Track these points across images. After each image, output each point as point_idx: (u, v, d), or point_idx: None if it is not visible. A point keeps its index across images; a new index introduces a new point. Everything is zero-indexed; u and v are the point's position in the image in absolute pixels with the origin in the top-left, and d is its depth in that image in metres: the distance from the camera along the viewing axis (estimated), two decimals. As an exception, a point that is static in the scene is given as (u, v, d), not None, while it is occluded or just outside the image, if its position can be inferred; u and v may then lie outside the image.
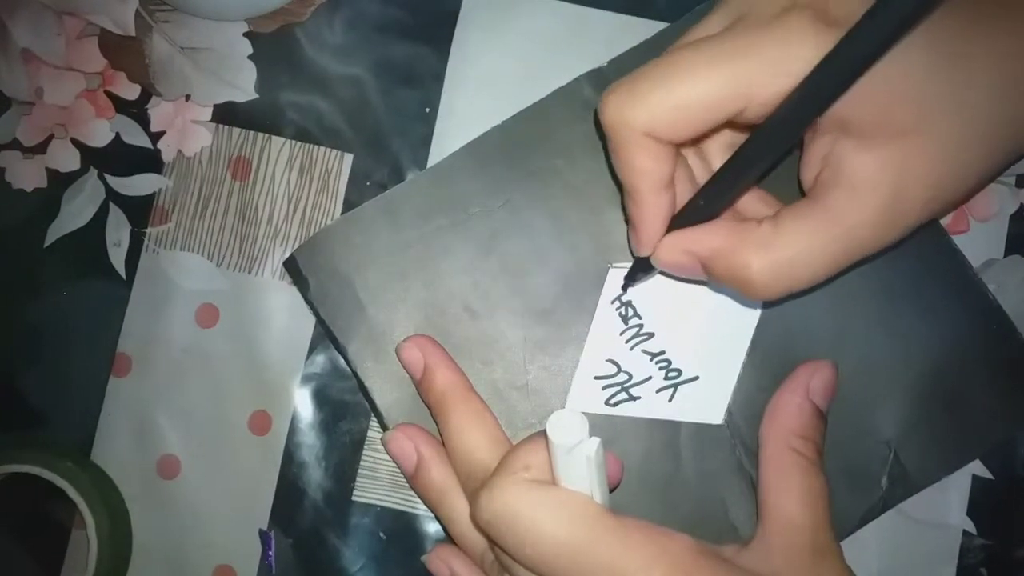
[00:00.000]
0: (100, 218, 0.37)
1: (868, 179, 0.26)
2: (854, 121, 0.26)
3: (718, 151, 0.31)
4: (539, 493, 0.26)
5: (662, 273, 0.32)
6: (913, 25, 0.21)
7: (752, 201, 0.30)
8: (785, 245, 0.27)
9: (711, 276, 0.29)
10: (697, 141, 0.30)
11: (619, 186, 0.29)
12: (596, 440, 0.25)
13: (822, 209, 0.27)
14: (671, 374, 0.34)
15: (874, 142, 0.26)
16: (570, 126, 0.34)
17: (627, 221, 0.30)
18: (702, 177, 0.30)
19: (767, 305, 0.30)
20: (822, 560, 0.29)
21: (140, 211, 0.37)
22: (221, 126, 0.37)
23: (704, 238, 0.28)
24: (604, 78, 0.34)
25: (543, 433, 0.25)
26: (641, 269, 0.32)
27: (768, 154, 0.26)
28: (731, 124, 0.27)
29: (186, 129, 0.37)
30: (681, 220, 0.29)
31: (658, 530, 0.26)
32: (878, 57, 0.22)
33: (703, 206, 0.28)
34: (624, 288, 0.34)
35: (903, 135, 0.26)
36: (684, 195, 0.29)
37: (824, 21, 0.25)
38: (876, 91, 0.25)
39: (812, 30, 0.24)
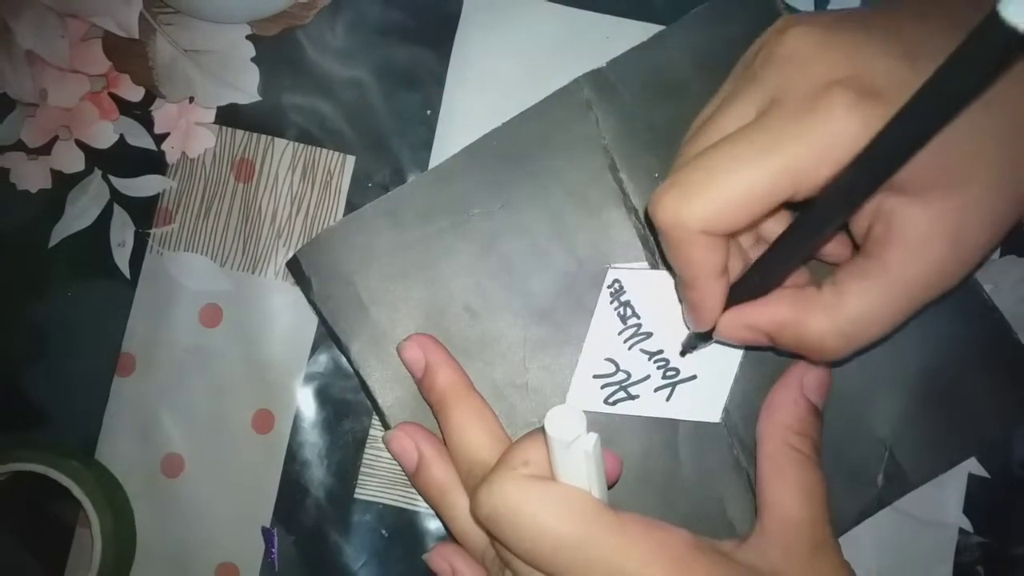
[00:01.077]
0: (104, 219, 0.38)
1: (924, 234, 0.26)
2: (902, 178, 0.25)
3: (768, 222, 0.31)
4: (538, 488, 0.26)
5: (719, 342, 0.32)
6: (982, 91, 0.19)
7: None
8: (850, 307, 0.27)
9: (778, 345, 0.29)
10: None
11: (669, 269, 0.30)
12: (594, 435, 0.25)
13: (881, 267, 0.27)
14: (669, 373, 0.34)
15: (925, 197, 0.26)
16: (570, 126, 0.35)
17: (680, 300, 0.31)
18: (751, 247, 0.30)
19: (834, 364, 0.31)
20: (820, 555, 0.29)
21: (144, 212, 0.38)
22: (224, 128, 0.38)
23: (767, 312, 0.29)
24: (603, 78, 0.35)
25: (542, 429, 0.25)
26: (701, 340, 0.33)
27: (823, 231, 0.26)
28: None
29: (190, 131, 0.38)
30: (738, 294, 0.29)
31: (656, 525, 0.26)
32: (941, 128, 0.21)
33: (759, 282, 0.29)
34: (681, 355, 0.34)
35: (954, 187, 0.26)
36: (734, 268, 0.29)
37: (866, 93, 0.24)
38: (926, 148, 0.25)
39: (856, 107, 0.24)
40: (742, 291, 0.29)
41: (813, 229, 0.26)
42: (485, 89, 0.37)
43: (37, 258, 0.38)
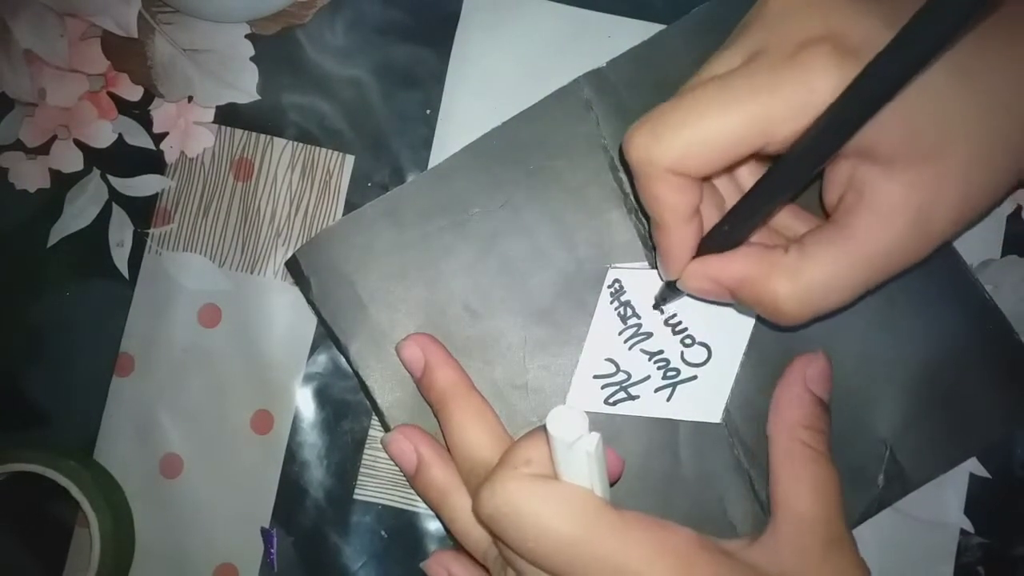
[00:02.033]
0: (103, 219, 0.38)
1: (893, 204, 0.26)
2: (875, 146, 0.26)
3: (747, 174, 0.31)
4: (541, 487, 0.26)
5: (690, 296, 0.32)
6: (941, 50, 0.20)
7: (783, 216, 0.31)
8: (812, 272, 0.27)
9: (738, 301, 0.29)
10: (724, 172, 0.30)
11: (645, 216, 0.30)
12: (596, 435, 0.25)
13: (847, 235, 0.27)
14: (669, 373, 0.34)
15: (897, 167, 0.26)
16: (570, 126, 0.35)
17: (654, 248, 0.31)
18: (731, 199, 0.30)
19: (791, 329, 0.31)
20: (835, 552, 0.29)
21: (143, 212, 0.38)
22: (223, 127, 0.38)
23: (730, 266, 0.29)
24: (603, 78, 0.35)
25: (544, 428, 0.25)
26: (670, 292, 0.33)
27: (790, 186, 0.26)
28: (755, 155, 0.27)
29: (188, 130, 0.38)
30: (708, 244, 0.29)
31: (659, 523, 0.26)
32: (903, 86, 0.22)
33: (728, 232, 0.29)
34: (655, 307, 0.34)
35: (926, 159, 0.26)
36: (711, 219, 0.29)
37: (843, 51, 0.25)
38: (896, 116, 0.25)
39: (832, 63, 0.25)
40: (712, 243, 0.29)
41: (782, 181, 0.26)
42: (485, 89, 0.37)
43: (35, 258, 0.38)
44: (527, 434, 0.29)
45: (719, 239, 0.29)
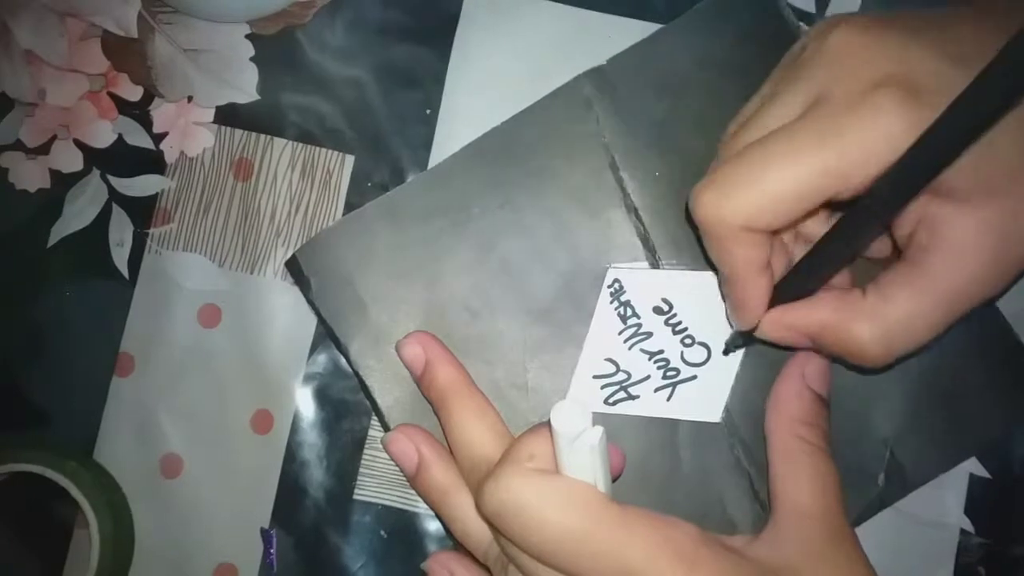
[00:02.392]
0: (103, 219, 0.38)
1: (968, 242, 0.26)
2: (949, 184, 0.26)
3: (810, 222, 0.31)
4: (544, 482, 0.26)
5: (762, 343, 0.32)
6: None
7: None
8: (893, 313, 0.27)
9: (820, 348, 0.29)
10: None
11: (712, 268, 0.30)
12: (599, 429, 0.25)
13: (925, 275, 0.27)
14: (669, 373, 0.34)
15: (971, 204, 0.26)
16: (570, 125, 0.35)
17: (723, 298, 0.31)
18: (793, 246, 0.30)
19: (874, 372, 0.31)
20: (836, 545, 0.29)
21: (143, 212, 0.38)
22: (223, 127, 0.38)
23: (810, 313, 0.29)
24: (604, 77, 0.35)
25: (547, 424, 0.25)
26: (744, 339, 0.33)
27: (866, 233, 0.26)
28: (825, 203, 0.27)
29: (188, 130, 0.38)
30: (782, 293, 0.29)
31: (662, 519, 0.26)
32: (985, 130, 0.21)
33: (803, 282, 0.29)
34: (725, 353, 0.34)
35: (999, 195, 0.26)
36: (780, 268, 0.30)
37: (913, 93, 0.24)
38: (968, 154, 0.25)
39: (904, 105, 0.24)
40: (786, 291, 0.29)
41: (858, 229, 0.26)
42: (485, 89, 0.37)
43: (35, 258, 0.38)
44: (530, 429, 0.29)
45: (794, 288, 0.29)
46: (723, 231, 0.27)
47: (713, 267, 0.30)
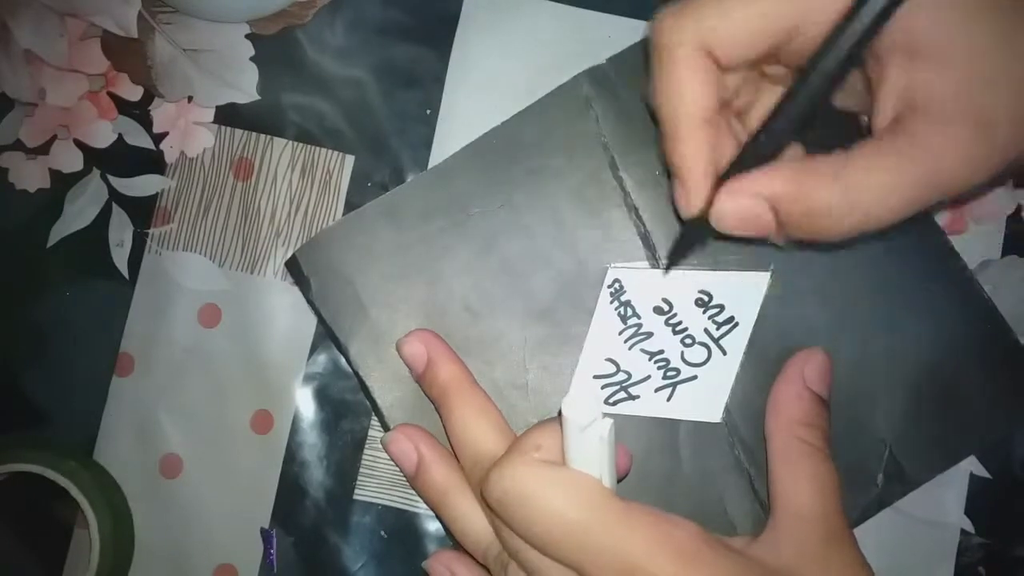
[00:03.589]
0: (103, 219, 0.38)
1: (948, 102, 0.25)
2: (923, 41, 0.25)
3: (758, 116, 0.30)
4: (550, 472, 0.26)
5: (719, 237, 0.29)
6: None
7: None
8: (860, 170, 0.25)
9: (782, 217, 0.27)
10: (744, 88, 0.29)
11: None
12: (609, 420, 0.25)
13: (905, 139, 0.25)
14: (670, 373, 0.34)
15: (950, 63, 0.25)
16: (570, 124, 0.35)
17: (669, 176, 0.29)
18: (741, 136, 0.29)
19: (839, 247, 0.29)
20: (835, 547, 0.29)
21: (143, 212, 0.38)
22: (223, 127, 0.38)
23: (770, 176, 0.27)
24: (603, 75, 0.35)
25: (558, 415, 0.25)
26: (691, 234, 0.30)
27: (829, 75, 0.25)
28: (781, 59, 0.27)
29: (188, 130, 0.38)
30: (738, 168, 0.27)
31: (665, 516, 0.26)
32: None
33: (763, 143, 0.27)
34: (668, 265, 0.33)
35: (979, 54, 0.24)
36: (726, 158, 0.28)
37: None
38: (941, 6, 0.24)
39: None
40: (743, 163, 0.27)
41: (817, 77, 0.25)
42: (485, 89, 0.37)
43: (35, 258, 0.38)
44: (538, 423, 0.29)
45: (752, 157, 0.27)
46: (679, 49, 0.26)
47: (662, 130, 0.28)
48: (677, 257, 0.32)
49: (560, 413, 0.25)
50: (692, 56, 0.26)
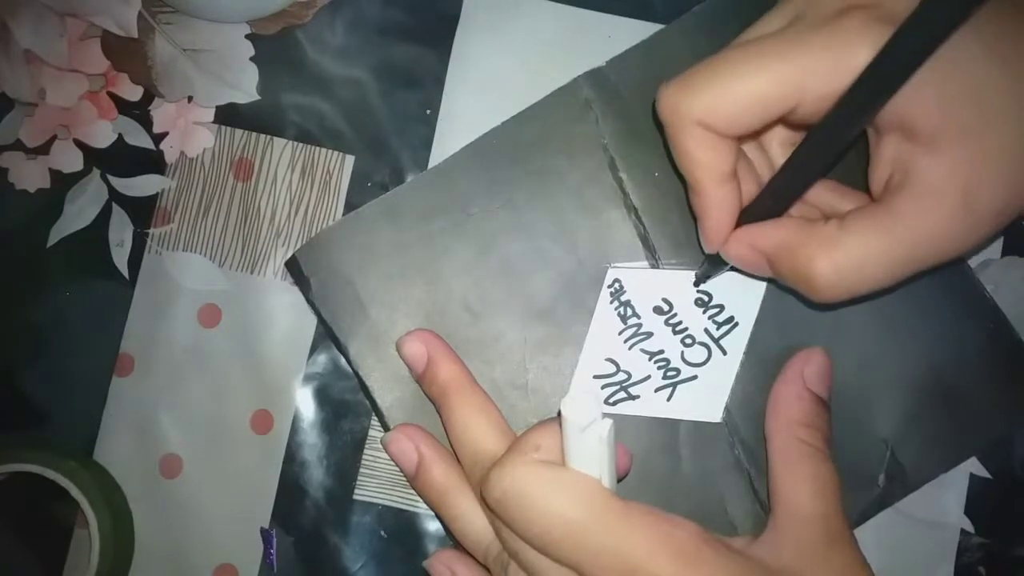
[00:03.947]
0: (103, 219, 0.38)
1: (937, 183, 0.26)
2: (917, 123, 0.26)
3: (779, 148, 0.31)
4: (549, 472, 0.26)
5: (734, 269, 0.32)
6: (970, 12, 0.21)
7: (825, 194, 0.31)
8: (850, 245, 0.27)
9: (776, 272, 0.29)
10: (757, 135, 0.30)
11: (684, 185, 0.30)
12: (609, 421, 0.25)
13: (889, 212, 0.27)
14: (669, 373, 0.34)
15: (940, 145, 0.26)
16: (570, 126, 0.35)
17: (693, 217, 0.31)
18: (765, 173, 0.31)
19: (823, 308, 0.31)
20: (835, 548, 0.29)
21: (143, 212, 0.38)
22: (223, 127, 0.38)
23: (769, 233, 0.29)
24: (603, 78, 0.35)
25: (558, 416, 0.25)
26: (712, 267, 0.33)
27: (827, 151, 0.26)
28: (787, 123, 0.28)
29: (188, 130, 0.38)
30: (749, 217, 0.30)
31: (665, 516, 0.27)
32: (935, 46, 0.22)
33: (770, 202, 0.29)
34: (696, 285, 0.34)
35: (968, 136, 0.25)
36: (750, 193, 0.30)
37: (879, 20, 0.25)
38: (936, 91, 0.25)
39: (867, 29, 0.25)
40: (756, 215, 0.30)
41: (819, 147, 0.26)
42: (485, 89, 0.37)
43: (35, 258, 0.38)
44: (537, 424, 0.29)
45: (761, 211, 0.29)
46: (680, 123, 0.27)
47: (686, 183, 0.30)
48: (702, 279, 0.34)
49: (560, 413, 0.25)
50: (694, 131, 0.27)
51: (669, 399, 0.34)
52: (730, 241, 0.30)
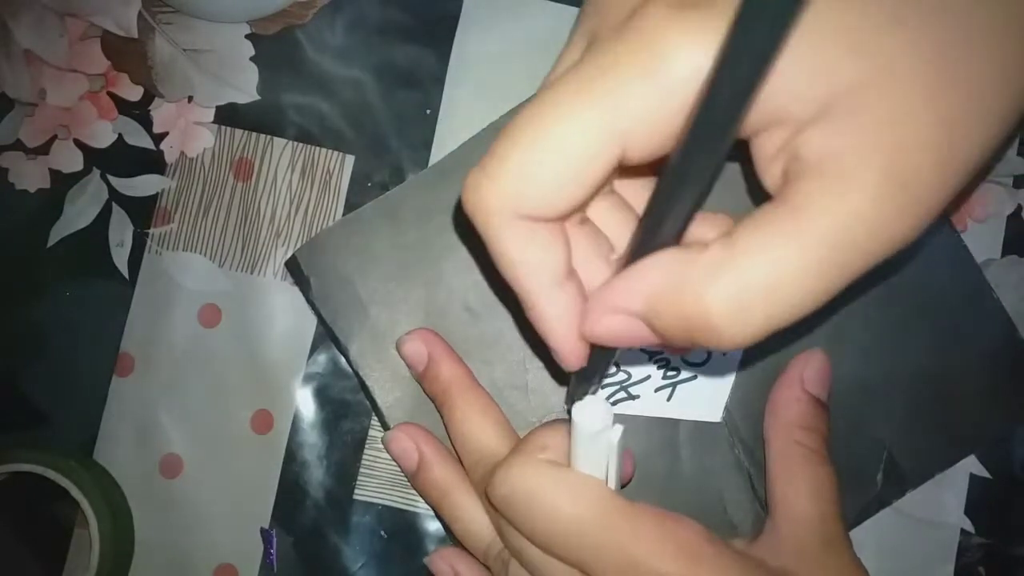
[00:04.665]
0: (103, 219, 0.38)
1: (847, 162, 0.19)
2: (790, 107, 0.20)
3: (631, 192, 0.25)
4: (556, 472, 0.26)
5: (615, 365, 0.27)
6: None
7: (705, 231, 0.23)
8: (748, 264, 0.19)
9: (661, 330, 0.21)
10: (591, 200, 0.23)
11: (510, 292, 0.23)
12: (619, 428, 0.25)
13: (792, 212, 0.19)
14: (669, 373, 0.34)
15: (840, 115, 0.19)
16: None
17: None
18: (619, 226, 0.24)
19: (751, 354, 0.26)
20: (832, 552, 0.29)
21: (143, 212, 0.38)
22: (223, 127, 0.38)
23: (634, 283, 0.21)
24: None
25: (561, 421, 0.25)
26: (580, 379, 0.26)
27: (688, 192, 0.19)
28: (627, 171, 0.22)
29: (188, 130, 0.38)
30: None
31: (668, 516, 0.27)
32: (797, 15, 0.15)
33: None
34: (567, 408, 0.28)
35: (881, 96, 0.19)
36: (600, 274, 0.23)
37: (680, 5, 0.19)
38: (808, 61, 0.19)
39: (670, 23, 0.19)
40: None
41: (677, 189, 0.19)
42: (485, 89, 0.37)
43: (35, 258, 0.38)
44: (543, 425, 0.29)
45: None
46: (492, 223, 0.21)
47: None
48: (572, 400, 0.26)
49: (570, 417, 0.25)
50: (511, 224, 0.21)
51: (669, 399, 0.34)
52: (587, 320, 0.22)
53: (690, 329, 0.20)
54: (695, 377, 0.34)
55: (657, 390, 0.34)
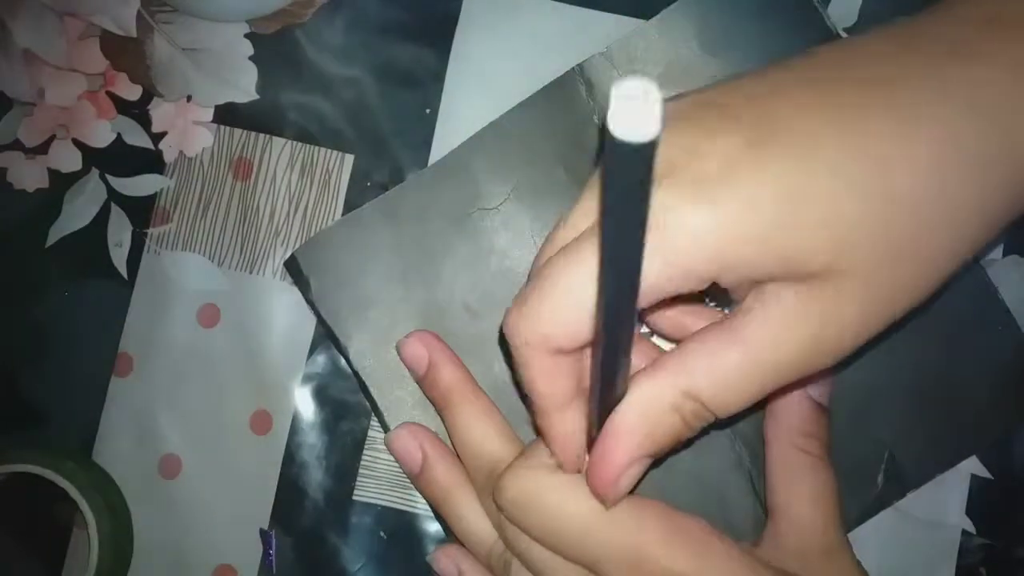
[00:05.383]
0: (102, 218, 0.38)
1: (789, 314, 0.23)
2: (757, 274, 0.23)
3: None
4: (561, 475, 0.27)
5: None
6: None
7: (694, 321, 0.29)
8: (701, 364, 0.24)
9: (662, 447, 0.26)
10: None
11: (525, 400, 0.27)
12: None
13: (737, 333, 0.24)
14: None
15: (791, 281, 0.23)
16: (571, 115, 0.34)
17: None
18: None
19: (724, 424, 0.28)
20: (832, 559, 0.29)
21: (142, 211, 0.38)
22: (222, 127, 0.38)
23: (627, 446, 0.25)
24: (605, 63, 0.34)
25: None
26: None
27: (622, 351, 0.22)
28: None
29: (187, 130, 0.38)
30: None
31: (675, 511, 0.27)
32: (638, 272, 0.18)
33: (602, 412, 0.25)
34: None
35: (820, 272, 0.22)
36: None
37: (698, 180, 0.22)
38: (775, 233, 0.22)
39: (682, 190, 0.22)
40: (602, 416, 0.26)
41: (611, 361, 0.22)
42: (485, 89, 0.37)
43: (34, 258, 0.38)
44: None
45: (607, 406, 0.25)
46: (520, 349, 0.25)
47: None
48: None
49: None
50: (537, 355, 0.25)
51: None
52: (610, 495, 0.26)
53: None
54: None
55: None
